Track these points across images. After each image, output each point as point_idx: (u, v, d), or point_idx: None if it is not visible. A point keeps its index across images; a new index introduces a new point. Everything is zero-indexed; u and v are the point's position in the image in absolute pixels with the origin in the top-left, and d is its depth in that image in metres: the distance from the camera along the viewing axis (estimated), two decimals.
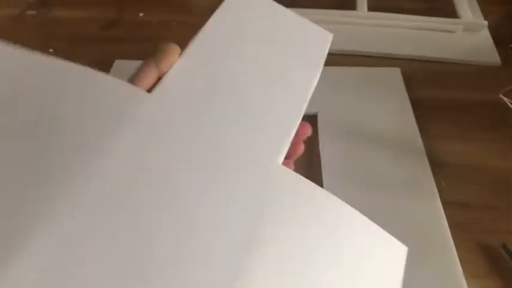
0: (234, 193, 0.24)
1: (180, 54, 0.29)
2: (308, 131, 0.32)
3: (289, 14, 0.35)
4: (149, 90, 0.26)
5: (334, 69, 0.54)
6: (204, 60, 0.29)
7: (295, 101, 0.29)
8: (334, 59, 0.57)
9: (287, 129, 0.27)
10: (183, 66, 0.28)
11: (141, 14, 0.68)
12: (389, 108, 0.49)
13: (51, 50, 0.61)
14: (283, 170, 0.26)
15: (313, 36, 0.34)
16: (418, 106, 0.50)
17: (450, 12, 0.64)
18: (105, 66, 0.55)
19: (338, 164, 0.43)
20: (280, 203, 0.24)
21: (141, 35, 0.64)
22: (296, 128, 0.28)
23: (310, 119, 0.48)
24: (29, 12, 0.69)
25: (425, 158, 0.44)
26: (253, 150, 0.26)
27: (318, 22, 0.62)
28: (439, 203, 0.40)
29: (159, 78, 0.27)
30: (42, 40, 0.64)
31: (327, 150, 0.45)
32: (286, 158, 0.28)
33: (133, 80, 0.27)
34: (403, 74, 0.54)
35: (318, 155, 0.45)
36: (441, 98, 0.52)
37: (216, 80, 0.28)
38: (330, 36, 0.34)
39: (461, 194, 0.41)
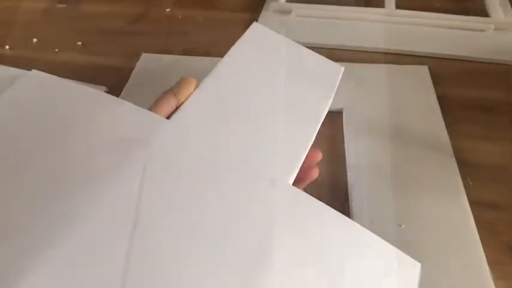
0: (245, 213, 0.25)
1: (197, 86, 0.31)
2: (318, 155, 0.33)
3: (303, 50, 0.37)
4: (168, 117, 0.29)
5: (360, 66, 0.53)
6: (220, 90, 0.31)
7: (306, 128, 0.31)
8: (361, 56, 0.57)
9: (298, 153, 0.29)
10: (200, 96, 0.31)
11: (168, 9, 0.68)
12: (417, 106, 0.48)
13: (79, 43, 0.62)
14: (293, 190, 0.27)
15: (325, 70, 0.36)
16: (446, 105, 0.49)
17: (481, 11, 0.63)
18: (132, 59, 0.56)
19: (363, 161, 0.43)
20: (290, 222, 0.25)
21: (168, 29, 0.64)
22: (307, 151, 0.29)
23: (335, 115, 0.48)
24: (59, 5, 0.71)
25: (453, 157, 0.43)
26: (265, 172, 0.27)
27: (345, 19, 0.62)
28: (467, 203, 0.39)
29: (178, 107, 0.30)
30: (71, 33, 0.65)
31: (352, 147, 0.44)
32: (300, 182, 0.31)
33: (154, 107, 0.29)
34: (431, 72, 0.53)
35: (343, 152, 0.44)
36: (470, 97, 0.51)
37: (231, 107, 0.30)
38: (340, 70, 0.36)
39: (489, 194, 0.41)
